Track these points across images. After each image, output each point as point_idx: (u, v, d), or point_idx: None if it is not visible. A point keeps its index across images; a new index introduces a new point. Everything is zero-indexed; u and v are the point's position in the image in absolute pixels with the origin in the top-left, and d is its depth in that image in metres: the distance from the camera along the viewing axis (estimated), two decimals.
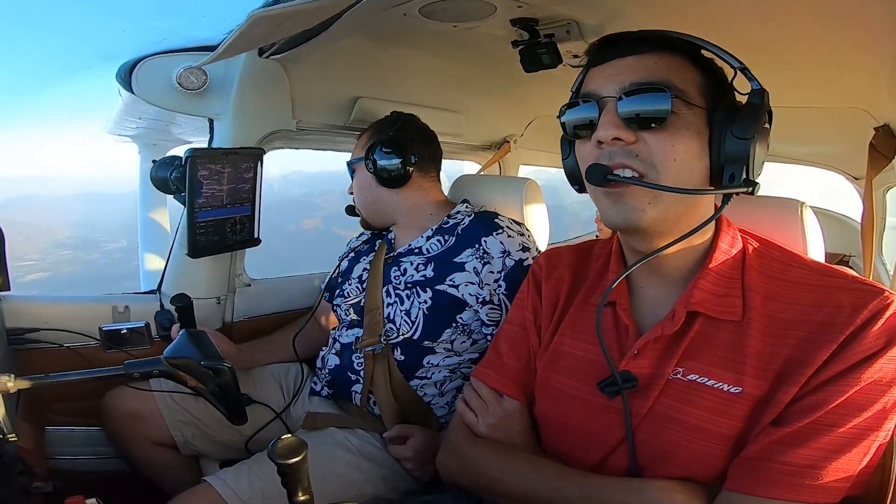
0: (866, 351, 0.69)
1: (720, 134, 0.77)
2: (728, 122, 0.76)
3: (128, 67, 1.43)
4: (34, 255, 24.76)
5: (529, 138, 2.59)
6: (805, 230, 0.98)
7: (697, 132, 0.77)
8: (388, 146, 1.48)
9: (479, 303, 1.35)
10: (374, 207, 1.57)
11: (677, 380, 0.80)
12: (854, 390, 0.69)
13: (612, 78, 0.80)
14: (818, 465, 0.69)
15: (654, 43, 0.80)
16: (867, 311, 0.71)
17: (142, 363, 0.92)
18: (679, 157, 0.76)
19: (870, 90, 1.34)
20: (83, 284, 16.47)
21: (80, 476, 1.60)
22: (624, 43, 0.81)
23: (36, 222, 35.19)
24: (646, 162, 0.77)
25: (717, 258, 0.82)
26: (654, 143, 0.76)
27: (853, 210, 2.57)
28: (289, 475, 0.68)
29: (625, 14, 1.22)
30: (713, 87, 0.80)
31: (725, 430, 0.75)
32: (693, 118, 0.77)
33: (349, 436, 1.37)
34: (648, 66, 0.78)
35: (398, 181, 1.50)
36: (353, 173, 1.61)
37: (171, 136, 2.68)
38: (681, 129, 0.76)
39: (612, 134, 0.77)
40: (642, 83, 0.77)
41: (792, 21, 1.11)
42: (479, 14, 1.23)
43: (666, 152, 0.76)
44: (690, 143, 0.77)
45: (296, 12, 1.00)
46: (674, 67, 0.79)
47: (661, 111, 0.75)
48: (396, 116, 1.57)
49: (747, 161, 0.76)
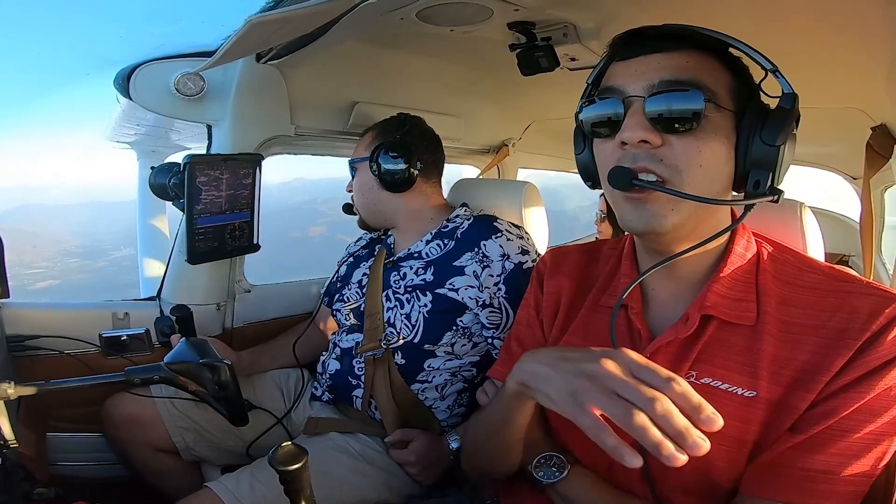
0: (882, 358, 0.69)
1: (748, 139, 0.74)
2: (757, 126, 0.74)
3: (125, 74, 1.43)
4: (42, 263, 24.78)
5: (528, 142, 2.59)
6: (805, 230, 0.98)
7: (725, 136, 0.75)
8: (394, 150, 1.46)
9: (479, 306, 1.35)
10: (374, 209, 1.55)
11: (690, 383, 0.80)
12: (870, 397, 0.68)
13: (638, 75, 0.76)
14: (834, 470, 0.69)
15: (683, 40, 0.76)
16: (883, 318, 0.70)
17: (142, 369, 0.92)
18: (705, 162, 0.73)
19: (866, 90, 1.35)
20: (94, 292, 16.48)
21: (82, 482, 1.60)
22: (652, 38, 0.77)
23: (42, 231, 35.26)
24: (671, 167, 0.73)
25: (733, 262, 0.81)
26: (681, 148, 0.73)
27: (852, 210, 2.57)
28: (290, 482, 0.68)
29: (621, 16, 1.22)
30: (742, 89, 0.77)
31: (739, 433, 0.75)
32: (722, 121, 0.74)
33: (351, 440, 1.37)
34: (679, 65, 0.74)
35: (401, 186, 1.48)
36: (353, 172, 1.57)
37: (170, 143, 2.68)
38: (709, 132, 0.73)
39: (639, 136, 0.73)
40: (673, 82, 0.73)
41: (789, 22, 1.12)
42: (476, 18, 1.23)
43: (692, 158, 0.73)
44: (718, 148, 0.74)
45: (293, 17, 1.01)
46: (704, 67, 0.75)
47: (691, 113, 0.72)
48: (403, 119, 1.55)
49: (774, 168, 0.73)
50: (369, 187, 1.52)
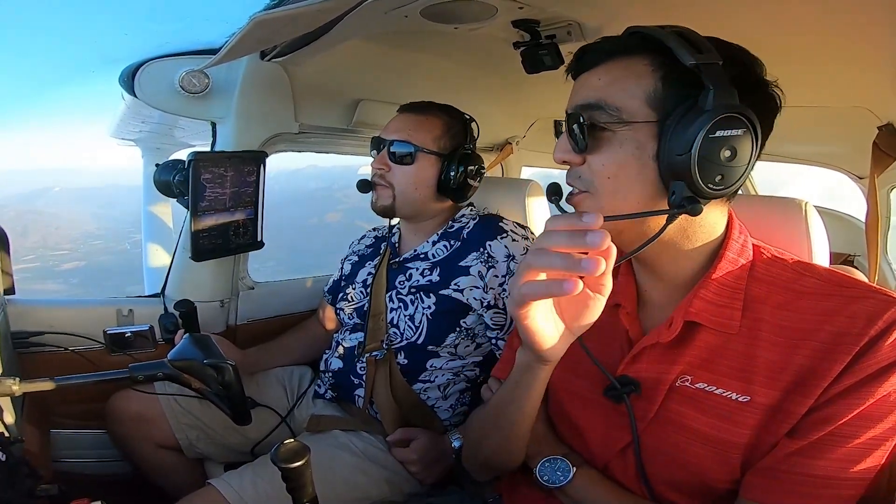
0: (881, 363, 0.68)
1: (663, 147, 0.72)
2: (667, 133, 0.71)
3: (130, 71, 1.44)
4: (66, 244, 25.02)
5: (532, 140, 2.59)
6: (809, 230, 0.97)
7: (636, 147, 0.74)
8: (469, 162, 1.43)
9: (483, 307, 1.35)
10: (419, 206, 1.46)
11: (684, 387, 0.80)
12: (869, 402, 0.68)
13: (574, 94, 0.81)
14: (835, 475, 0.68)
15: (609, 52, 0.77)
16: (882, 322, 0.69)
17: (146, 366, 0.92)
18: (613, 174, 0.75)
19: (873, 89, 1.34)
20: (124, 274, 16.56)
21: (86, 479, 1.61)
22: (590, 54, 0.80)
23: (64, 213, 35.45)
24: (586, 182, 0.78)
25: (723, 268, 0.80)
26: (591, 163, 0.77)
27: (858, 210, 2.56)
28: (292, 479, 0.69)
29: (626, 14, 1.22)
30: (673, 93, 0.72)
31: (733, 437, 0.75)
32: (632, 134, 0.74)
33: (353, 438, 1.37)
34: (592, 84, 0.78)
35: (458, 194, 1.45)
36: (410, 157, 1.42)
37: (174, 140, 2.69)
38: (614, 146, 0.75)
39: (559, 158, 0.80)
40: (581, 105, 0.77)
41: (795, 19, 1.11)
42: (481, 16, 1.23)
43: (598, 172, 0.76)
44: (625, 160, 0.74)
45: (297, 15, 1.00)
46: (620, 79, 0.75)
47: (591, 132, 0.75)
48: (470, 118, 1.51)
49: (689, 177, 0.69)
50: (424, 183, 1.43)
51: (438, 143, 1.43)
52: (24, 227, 30.92)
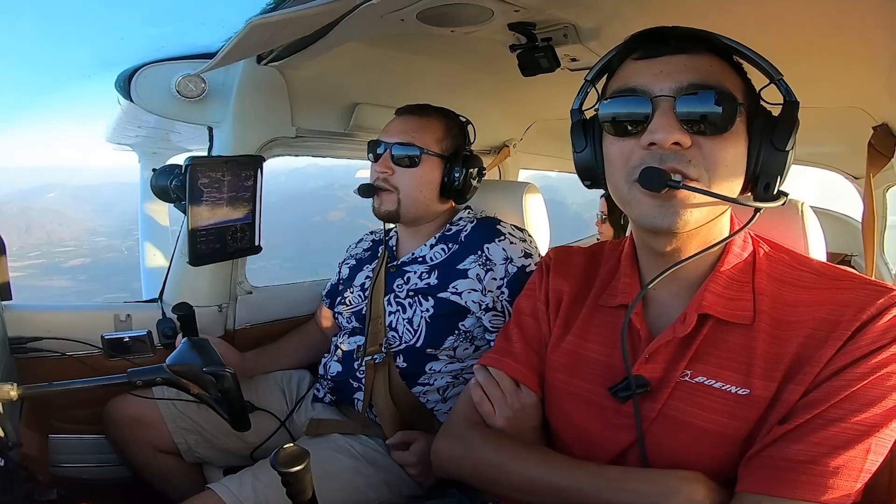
0: (871, 345, 0.68)
1: (759, 143, 0.76)
2: (767, 131, 0.76)
3: (126, 76, 1.43)
4: (70, 241, 24.98)
5: (529, 142, 2.59)
6: (806, 230, 0.98)
7: (743, 139, 0.76)
8: (470, 163, 1.45)
9: (482, 310, 1.35)
10: (423, 208, 1.46)
11: (686, 382, 0.80)
12: (859, 385, 0.68)
13: (665, 75, 0.75)
14: (817, 460, 0.67)
15: (701, 42, 0.77)
16: (873, 308, 0.70)
17: (144, 371, 0.92)
18: (729, 163, 0.75)
19: (868, 89, 1.35)
20: (130, 271, 16.55)
21: (84, 483, 1.60)
22: (674, 39, 0.77)
23: (67, 210, 35.40)
24: (699, 168, 0.74)
25: (729, 261, 0.82)
26: (709, 149, 0.74)
27: (854, 210, 2.57)
28: (292, 484, 0.68)
29: (622, 17, 1.22)
30: (751, 95, 0.79)
31: (733, 431, 0.75)
32: (741, 125, 0.76)
33: (353, 441, 1.37)
34: (704, 68, 0.76)
35: (459, 196, 1.47)
36: (416, 160, 1.41)
37: (171, 145, 2.68)
38: (734, 134, 0.75)
39: (672, 138, 0.73)
40: (701, 85, 0.74)
41: (790, 21, 1.12)
42: (477, 19, 1.23)
43: (719, 159, 0.74)
44: (739, 149, 0.76)
45: (294, 19, 1.01)
46: (724, 71, 0.77)
47: (722, 116, 0.73)
48: (467, 121, 1.51)
49: (783, 172, 0.76)
50: (429, 185, 1.44)
51: (441, 145, 1.44)
52: (28, 223, 30.81)
